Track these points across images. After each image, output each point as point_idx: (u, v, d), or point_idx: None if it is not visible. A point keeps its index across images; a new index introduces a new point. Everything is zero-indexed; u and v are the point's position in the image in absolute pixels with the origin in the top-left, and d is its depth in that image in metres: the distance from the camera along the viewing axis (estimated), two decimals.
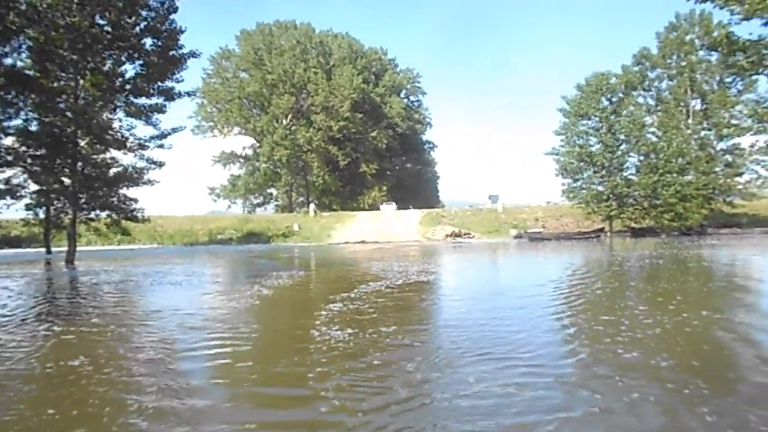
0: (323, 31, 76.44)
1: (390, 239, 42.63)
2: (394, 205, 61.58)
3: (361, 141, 72.57)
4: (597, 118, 44.43)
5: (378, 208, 62.89)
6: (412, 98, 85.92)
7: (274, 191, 77.86)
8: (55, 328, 9.18)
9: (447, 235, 44.03)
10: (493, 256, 27.96)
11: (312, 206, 62.34)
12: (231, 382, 5.85)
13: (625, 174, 44.98)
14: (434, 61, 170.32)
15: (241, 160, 75.02)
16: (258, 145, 71.55)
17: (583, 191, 45.03)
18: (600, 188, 44.41)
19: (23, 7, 19.11)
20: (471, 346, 6.98)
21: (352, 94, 67.99)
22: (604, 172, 44.35)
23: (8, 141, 24.89)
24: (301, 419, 4.80)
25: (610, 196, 43.37)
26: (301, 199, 75.26)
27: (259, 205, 78.02)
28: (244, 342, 7.72)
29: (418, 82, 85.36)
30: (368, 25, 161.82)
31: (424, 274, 17.51)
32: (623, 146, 44.42)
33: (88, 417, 4.79)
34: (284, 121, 69.29)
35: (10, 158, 24.86)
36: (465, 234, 45.07)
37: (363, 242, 42.40)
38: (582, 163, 44.95)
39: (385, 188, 75.08)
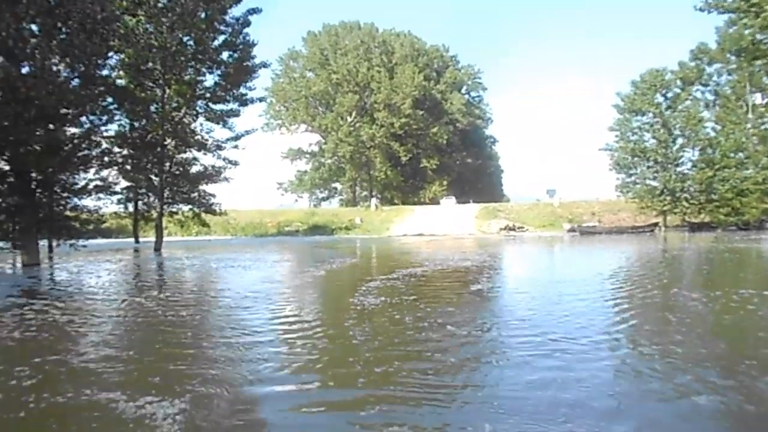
0: (386, 30, 78.94)
1: (446, 232, 44.58)
2: (453, 200, 63.49)
3: (422, 137, 74.74)
4: (651, 114, 44.83)
5: (438, 203, 65.08)
6: (473, 94, 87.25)
7: (338, 186, 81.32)
8: (155, 293, 12.10)
9: (501, 229, 45.61)
10: (539, 248, 29.52)
11: (373, 200, 65.15)
12: (286, 329, 8.25)
13: (680, 169, 45.14)
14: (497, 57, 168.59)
15: (308, 156, 78.67)
16: (323, 141, 75.00)
17: (637, 186, 45.60)
18: (654, 183, 44.83)
19: (122, 32, 22.44)
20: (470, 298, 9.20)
21: (413, 92, 70.25)
22: (657, 167, 44.75)
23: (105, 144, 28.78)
24: (334, 351, 7.03)
25: (664, 190, 43.75)
26: (364, 193, 78.24)
27: (324, 199, 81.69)
28: (297, 305, 10.29)
29: (479, 78, 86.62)
30: (430, 20, 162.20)
31: (460, 261, 19.61)
32: (679, 141, 44.65)
33: (187, 346, 7.34)
34: (348, 119, 72.43)
35: (107, 159, 28.74)
36: (518, 228, 46.47)
37: (420, 235, 44.52)
38: (636, 159, 45.52)
39: (445, 183, 77.02)
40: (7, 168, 21.10)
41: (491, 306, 10.32)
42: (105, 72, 25.93)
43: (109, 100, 25.76)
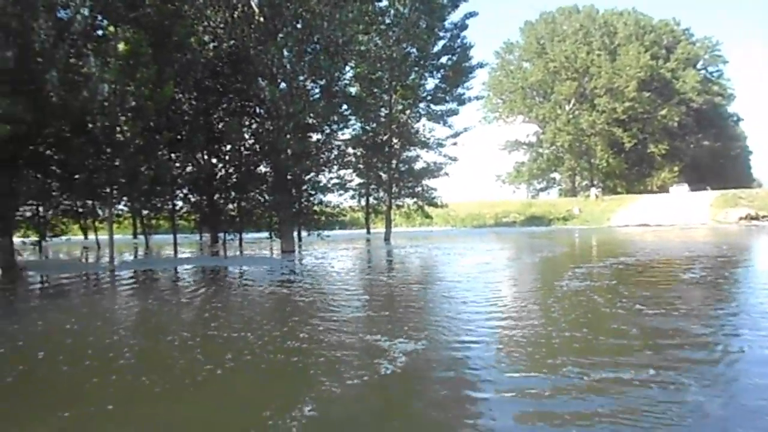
0: (607, 11, 75.04)
1: (674, 222, 41.56)
2: (686, 187, 58.35)
3: (648, 121, 69.63)
4: None
5: (667, 191, 60.31)
6: (710, 69, 78.36)
7: (557, 176, 79.73)
8: (390, 273, 14.32)
9: (741, 218, 40.96)
10: None
11: (593, 190, 62.89)
12: (493, 302, 9.53)
13: None
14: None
15: (525, 146, 78.40)
16: (541, 131, 74.20)
17: None
18: None
19: (358, 50, 25.75)
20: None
21: (638, 73, 65.92)
22: None
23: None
24: (533, 322, 8.23)
25: None
26: (585, 182, 75.60)
27: (542, 189, 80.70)
28: (503, 285, 11.57)
29: (718, 51, 77.36)
30: None
31: (678, 251, 18.79)
32: None
33: (418, 310, 9.07)
34: (567, 107, 70.68)
35: (343, 160, 32.89)
36: (763, 217, 41.28)
37: (644, 225, 42.14)
38: None
39: (676, 169, 70.68)
40: (268, 171, 25.80)
41: (702, 293, 10.29)
42: (341, 84, 29.93)
43: (345, 108, 29.54)
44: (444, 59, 32.27)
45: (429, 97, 33.27)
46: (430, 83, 33.38)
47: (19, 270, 19.53)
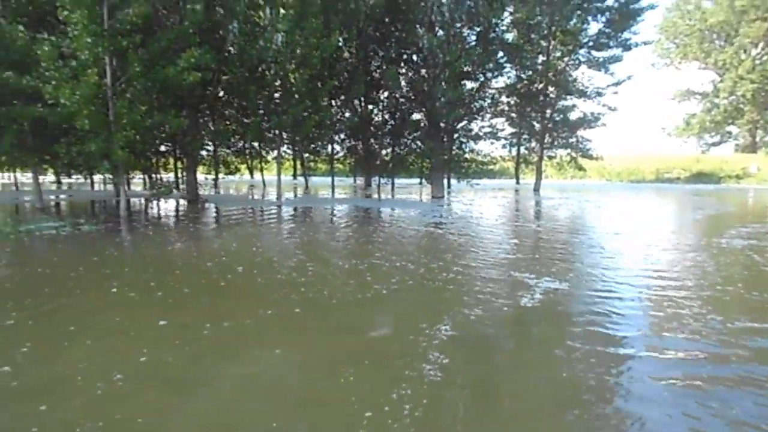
0: None
1: None
2: None
3: None
4: None
5: None
6: None
7: (733, 129, 71.75)
8: (538, 222, 14.48)
9: None
10: None
11: None
12: (651, 248, 9.48)
13: None
14: None
15: (698, 96, 71.24)
16: (719, 79, 66.85)
17: None
18: None
19: None
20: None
21: None
22: None
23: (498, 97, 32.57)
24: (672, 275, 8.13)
25: None
26: (767, 137, 67.45)
27: (714, 144, 73.23)
28: (661, 237, 11.26)
29: None
30: None
31: None
32: None
33: (562, 257, 9.29)
34: (753, 52, 62.68)
35: (496, 109, 32.57)
36: None
37: None
38: None
39: None
40: (422, 118, 26.45)
41: None
42: (498, 31, 29.38)
43: (501, 55, 29.09)
44: (610, 1, 30.14)
45: (590, 43, 31.46)
46: (593, 28, 31.54)
47: (203, 202, 22.39)
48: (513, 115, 34.62)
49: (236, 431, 3.27)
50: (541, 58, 30.97)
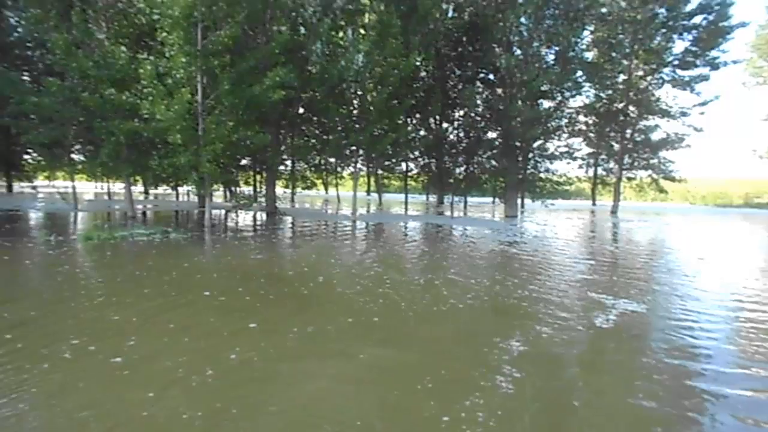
0: None
1: None
2: None
3: None
4: None
5: None
6: None
7: None
8: (618, 244, 14.16)
9: None
10: None
11: None
12: (737, 277, 9.12)
13: None
14: None
15: None
16: None
17: None
18: None
19: (599, 13, 24.71)
20: None
21: None
22: None
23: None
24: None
25: None
26: None
27: None
28: (748, 266, 10.76)
29: None
30: None
31: None
32: None
33: (636, 276, 9.09)
34: None
35: (573, 128, 31.94)
36: None
37: None
38: None
39: None
40: (497, 137, 26.38)
41: None
42: (577, 50, 28.95)
43: (579, 74, 28.61)
44: (698, 19, 29.02)
45: (675, 62, 30.34)
46: (679, 46, 30.52)
47: (280, 215, 23.21)
48: (591, 134, 33.87)
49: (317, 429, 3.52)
50: (622, 77, 30.18)
